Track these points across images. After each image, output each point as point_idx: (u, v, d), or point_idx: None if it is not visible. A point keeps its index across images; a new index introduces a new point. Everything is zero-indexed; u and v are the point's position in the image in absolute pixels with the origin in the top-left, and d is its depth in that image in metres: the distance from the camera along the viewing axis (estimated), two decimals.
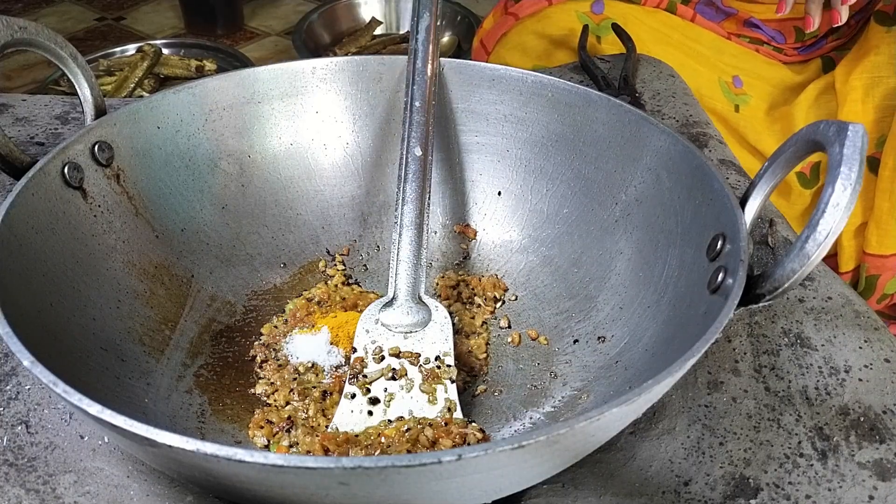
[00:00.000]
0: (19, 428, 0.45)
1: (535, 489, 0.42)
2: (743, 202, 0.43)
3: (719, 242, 0.43)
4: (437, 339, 0.48)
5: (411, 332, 0.49)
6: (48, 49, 0.50)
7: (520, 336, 0.53)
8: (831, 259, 0.84)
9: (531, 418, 0.47)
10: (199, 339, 0.51)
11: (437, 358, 0.48)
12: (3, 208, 0.42)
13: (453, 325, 0.50)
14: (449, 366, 0.47)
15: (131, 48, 1.66)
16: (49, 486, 0.42)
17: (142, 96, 1.46)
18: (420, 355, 0.48)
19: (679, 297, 0.46)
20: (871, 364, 0.50)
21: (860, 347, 0.51)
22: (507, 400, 0.49)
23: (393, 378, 0.46)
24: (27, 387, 0.47)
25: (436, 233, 0.60)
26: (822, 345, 0.51)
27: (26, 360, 0.34)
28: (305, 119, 0.59)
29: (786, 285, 0.38)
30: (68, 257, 0.46)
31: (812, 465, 0.44)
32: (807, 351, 0.51)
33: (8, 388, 0.47)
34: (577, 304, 0.53)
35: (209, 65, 1.61)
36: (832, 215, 0.36)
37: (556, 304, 0.54)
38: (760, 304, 0.39)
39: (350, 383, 0.47)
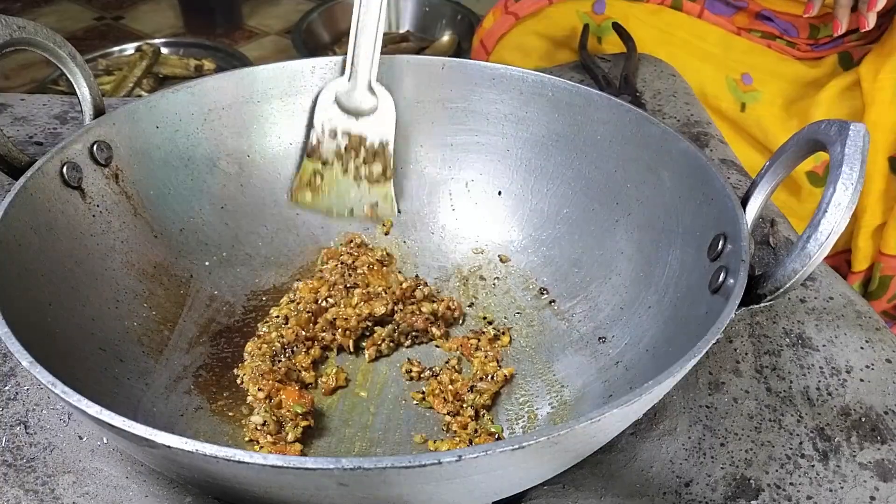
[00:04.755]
0: (18, 428, 0.45)
1: (536, 490, 0.42)
2: (744, 202, 0.43)
3: (720, 242, 0.43)
4: (382, 125, 0.57)
5: (361, 115, 0.57)
6: (47, 48, 0.50)
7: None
8: (842, 256, 0.84)
9: (532, 420, 0.47)
10: (198, 339, 0.51)
11: (380, 143, 0.57)
12: (2, 208, 0.42)
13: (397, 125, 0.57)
14: (389, 153, 0.57)
15: (130, 47, 1.66)
16: (48, 487, 0.41)
17: (140, 96, 1.46)
18: (366, 139, 0.57)
19: (680, 298, 0.46)
20: (872, 364, 0.50)
21: (861, 348, 0.51)
22: (507, 401, 0.49)
23: (342, 157, 0.57)
24: (26, 387, 0.47)
25: (433, 234, 0.60)
26: (824, 345, 0.51)
27: (25, 360, 0.34)
28: (305, 118, 0.59)
29: (787, 285, 0.38)
30: (67, 257, 0.46)
31: (813, 465, 0.44)
32: (808, 351, 0.51)
33: (6, 388, 0.47)
34: (577, 304, 0.53)
35: (208, 64, 1.61)
36: (834, 215, 0.36)
37: (556, 305, 0.54)
38: (762, 305, 0.39)
39: (308, 157, 0.57)
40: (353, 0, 0.55)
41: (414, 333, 0.52)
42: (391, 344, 0.52)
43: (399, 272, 0.57)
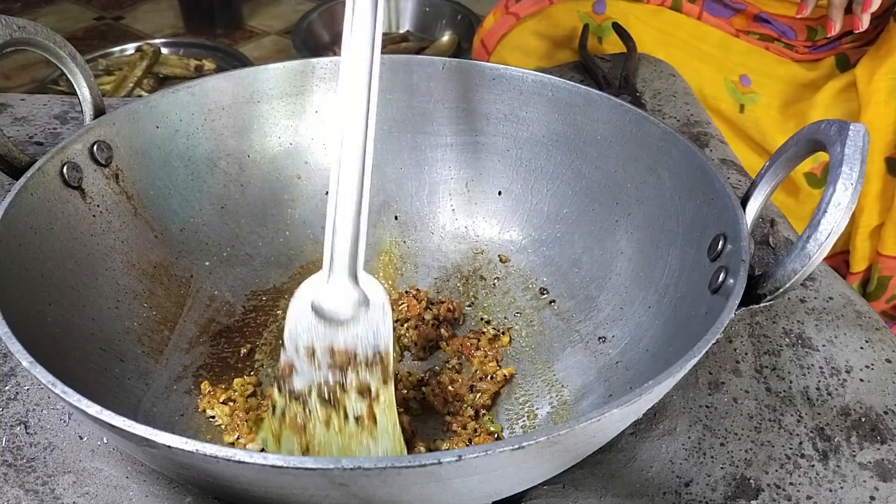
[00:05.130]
0: (18, 428, 0.45)
1: (536, 490, 0.42)
2: (744, 202, 0.43)
3: (720, 242, 0.43)
4: (375, 329, 0.43)
5: (345, 322, 0.43)
6: (47, 48, 0.50)
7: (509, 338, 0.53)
8: (841, 257, 0.84)
9: (532, 419, 0.47)
10: (198, 339, 0.51)
11: (374, 353, 0.43)
12: (2, 208, 0.42)
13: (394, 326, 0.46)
14: (388, 363, 0.43)
15: (130, 48, 1.66)
16: (48, 487, 0.41)
17: (141, 96, 1.46)
18: (356, 355, 0.43)
19: (680, 298, 0.46)
20: (872, 364, 0.50)
21: (861, 348, 0.51)
22: (507, 401, 0.49)
23: (324, 398, 0.42)
24: (26, 387, 0.47)
25: (433, 234, 0.60)
26: (824, 345, 0.51)
27: (25, 360, 0.34)
28: (305, 119, 0.59)
29: (787, 285, 0.38)
30: (67, 257, 0.46)
31: (813, 465, 0.44)
32: (808, 351, 0.51)
33: (7, 388, 0.47)
34: (577, 304, 0.53)
35: (208, 64, 1.61)
36: (833, 215, 0.36)
37: (556, 305, 0.54)
38: (762, 305, 0.39)
39: (278, 393, 0.42)
40: (330, 180, 0.44)
41: (430, 344, 0.52)
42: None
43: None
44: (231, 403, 0.46)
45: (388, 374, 0.42)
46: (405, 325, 0.52)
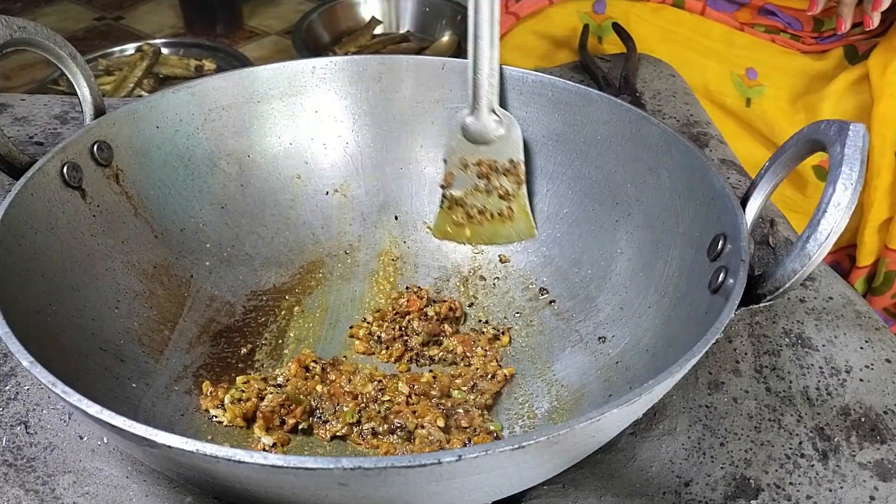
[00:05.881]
0: (18, 428, 0.45)
1: (536, 490, 0.42)
2: (744, 202, 0.43)
3: (720, 242, 0.43)
4: (510, 147, 0.57)
5: (488, 142, 0.57)
6: (47, 48, 0.50)
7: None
8: (845, 251, 0.83)
9: (532, 419, 0.47)
10: (199, 339, 0.51)
11: (510, 161, 0.57)
12: (3, 208, 0.42)
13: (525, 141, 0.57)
14: (521, 170, 0.57)
15: (130, 48, 1.66)
16: (48, 487, 0.41)
17: (141, 96, 1.46)
18: (496, 161, 0.57)
19: (680, 298, 0.46)
20: (872, 364, 0.50)
21: (861, 348, 0.51)
22: (507, 401, 0.49)
23: (477, 189, 0.58)
24: (26, 387, 0.47)
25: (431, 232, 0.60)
26: (823, 345, 0.51)
27: (25, 360, 0.34)
28: (305, 119, 0.59)
29: (787, 285, 0.38)
30: (67, 257, 0.46)
31: (813, 465, 0.44)
32: (808, 351, 0.51)
33: (7, 388, 0.47)
34: (577, 304, 0.53)
35: (208, 64, 1.61)
36: (833, 215, 0.36)
37: (556, 305, 0.54)
38: (761, 305, 0.39)
39: (442, 190, 0.58)
40: (468, 33, 0.54)
41: (433, 339, 0.52)
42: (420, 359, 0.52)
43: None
44: (240, 403, 0.46)
45: (520, 178, 0.57)
46: (406, 318, 0.52)
